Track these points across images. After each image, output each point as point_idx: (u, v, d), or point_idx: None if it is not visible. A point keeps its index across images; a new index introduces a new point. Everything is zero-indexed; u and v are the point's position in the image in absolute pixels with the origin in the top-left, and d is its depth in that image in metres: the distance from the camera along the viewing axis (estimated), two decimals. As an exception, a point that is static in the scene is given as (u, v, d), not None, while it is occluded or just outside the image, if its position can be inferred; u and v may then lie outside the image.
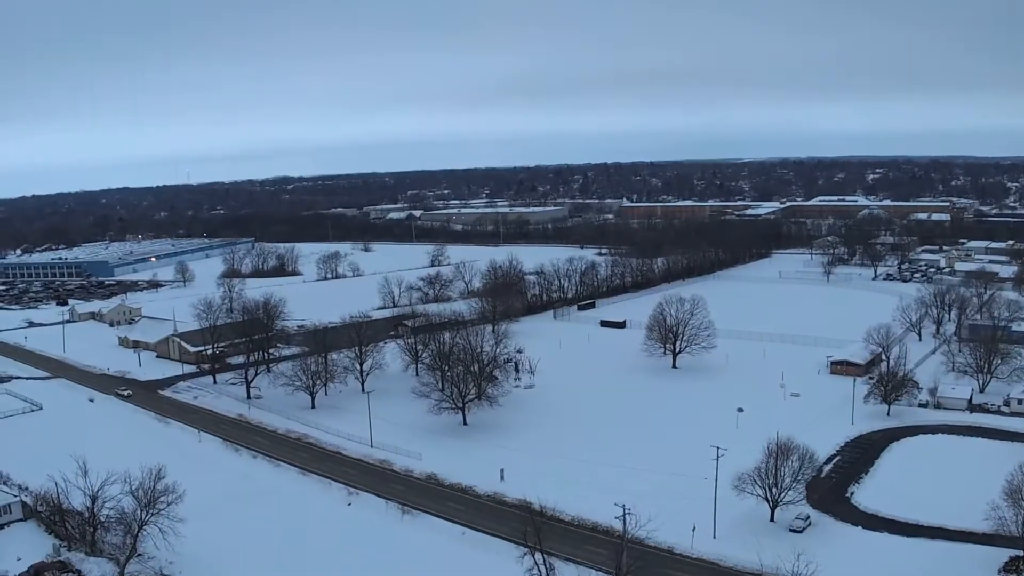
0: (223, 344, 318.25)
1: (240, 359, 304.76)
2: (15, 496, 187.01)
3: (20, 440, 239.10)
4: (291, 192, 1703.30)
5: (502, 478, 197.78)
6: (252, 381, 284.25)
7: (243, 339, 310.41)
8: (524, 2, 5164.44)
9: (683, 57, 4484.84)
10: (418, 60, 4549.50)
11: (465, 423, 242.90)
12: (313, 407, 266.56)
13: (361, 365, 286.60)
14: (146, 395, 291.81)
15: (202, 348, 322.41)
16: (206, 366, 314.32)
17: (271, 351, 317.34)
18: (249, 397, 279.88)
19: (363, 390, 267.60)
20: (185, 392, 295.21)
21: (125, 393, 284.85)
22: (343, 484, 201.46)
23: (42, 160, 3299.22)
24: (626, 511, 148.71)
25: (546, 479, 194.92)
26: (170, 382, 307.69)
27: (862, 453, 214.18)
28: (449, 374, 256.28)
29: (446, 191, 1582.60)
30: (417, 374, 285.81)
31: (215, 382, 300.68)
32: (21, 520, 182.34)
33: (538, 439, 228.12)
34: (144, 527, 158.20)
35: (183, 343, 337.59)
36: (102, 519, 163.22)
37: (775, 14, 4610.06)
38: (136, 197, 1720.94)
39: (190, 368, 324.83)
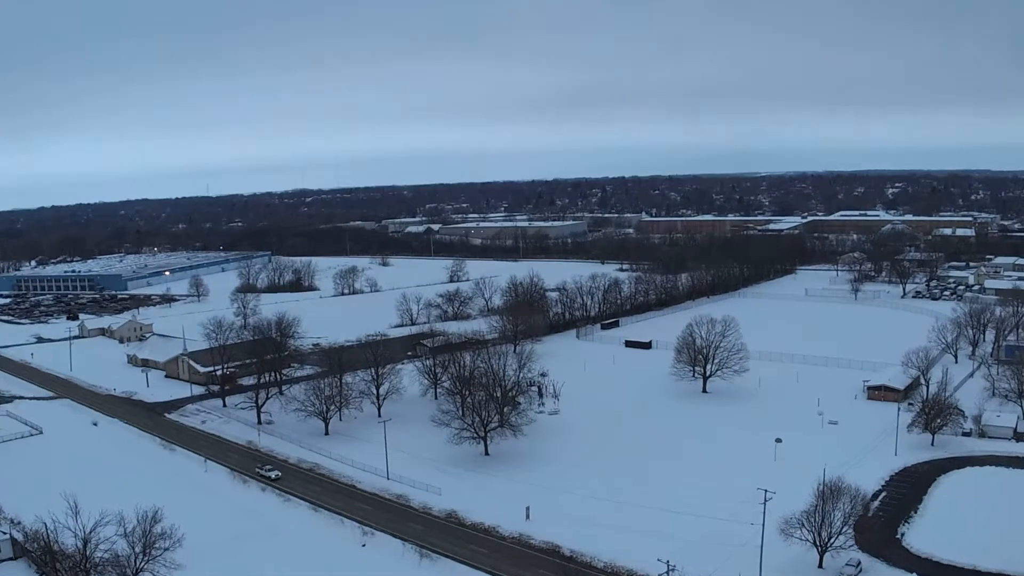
0: (234, 365, 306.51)
1: (252, 380, 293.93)
2: (5, 534, 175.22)
3: (16, 468, 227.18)
4: (309, 205, 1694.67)
5: (528, 517, 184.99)
6: (263, 405, 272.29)
7: (254, 360, 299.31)
8: (544, 15, 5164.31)
9: (700, 71, 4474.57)
10: (437, 72, 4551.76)
11: (487, 453, 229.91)
12: (327, 434, 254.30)
13: (378, 389, 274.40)
14: (152, 418, 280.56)
15: (212, 369, 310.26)
16: (216, 388, 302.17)
17: (284, 372, 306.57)
18: (259, 423, 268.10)
19: (379, 416, 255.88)
20: (193, 416, 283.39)
21: (272, 475, 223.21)
22: (357, 522, 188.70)
23: (62, 171, 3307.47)
24: (670, 568, 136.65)
25: (575, 519, 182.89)
26: (177, 404, 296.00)
27: (909, 488, 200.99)
28: (470, 400, 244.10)
29: (464, 204, 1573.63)
30: (436, 398, 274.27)
31: (224, 405, 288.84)
32: (11, 559, 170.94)
33: (565, 473, 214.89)
34: (139, 574, 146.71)
35: (192, 363, 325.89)
36: (96, 561, 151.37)
37: (791, 28, 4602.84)
38: (155, 209, 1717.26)
39: (199, 389, 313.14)
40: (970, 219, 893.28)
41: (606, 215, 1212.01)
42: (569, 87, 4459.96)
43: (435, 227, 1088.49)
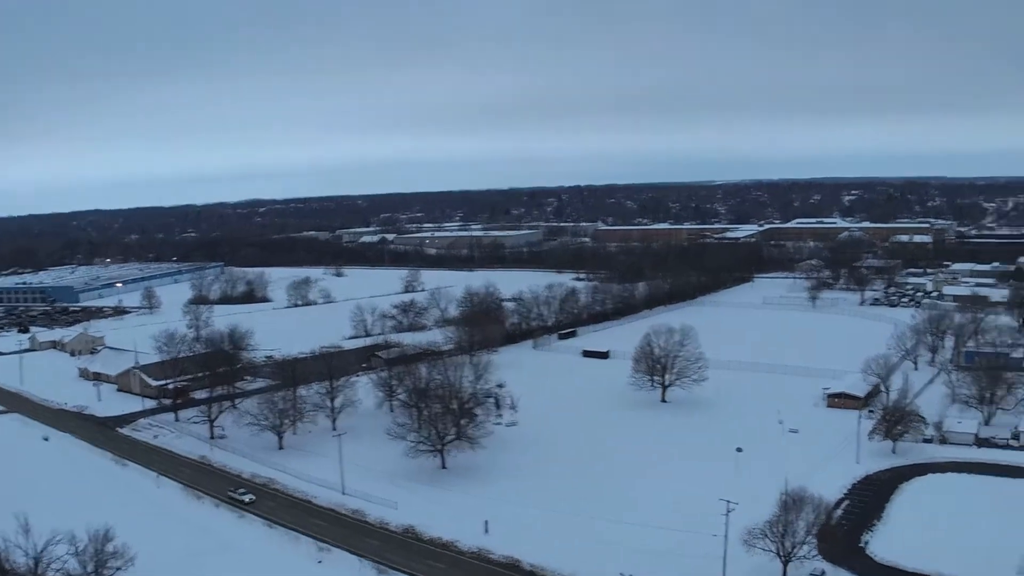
0: (186, 378, 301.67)
1: (205, 393, 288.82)
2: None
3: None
4: (263, 215, 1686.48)
5: (486, 531, 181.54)
6: (216, 419, 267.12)
7: (207, 373, 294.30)
8: (501, 24, 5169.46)
9: (656, 80, 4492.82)
10: (392, 81, 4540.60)
11: (444, 467, 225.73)
12: (281, 448, 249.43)
13: (332, 402, 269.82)
14: (104, 433, 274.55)
15: (164, 382, 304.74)
16: (168, 401, 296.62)
17: (237, 385, 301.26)
18: (212, 437, 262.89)
19: (334, 430, 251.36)
20: (145, 430, 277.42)
21: (246, 499, 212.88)
22: (313, 538, 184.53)
23: (12, 181, 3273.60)
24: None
25: (535, 532, 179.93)
26: (130, 419, 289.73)
27: (872, 496, 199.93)
28: (426, 412, 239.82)
29: (419, 214, 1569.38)
30: (392, 411, 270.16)
31: (177, 419, 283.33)
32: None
33: (524, 485, 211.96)
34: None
35: (144, 376, 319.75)
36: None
37: (747, 37, 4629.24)
38: (108, 219, 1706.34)
39: (152, 403, 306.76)
40: (927, 226, 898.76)
41: (562, 224, 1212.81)
42: (525, 96, 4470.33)
43: (390, 237, 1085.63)
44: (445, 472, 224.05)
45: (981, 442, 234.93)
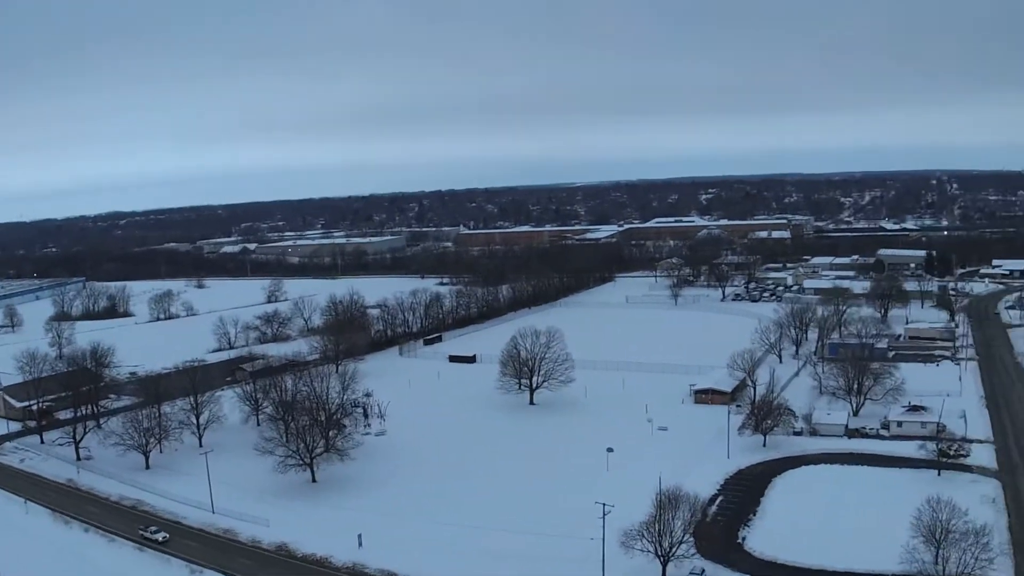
0: (50, 398, 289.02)
1: (70, 414, 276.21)
2: None
3: None
4: (123, 227, 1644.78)
5: (360, 544, 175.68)
6: (81, 440, 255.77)
7: (70, 392, 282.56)
8: (357, 32, 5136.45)
9: (512, 86, 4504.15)
10: (250, 90, 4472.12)
11: (314, 480, 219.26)
12: (147, 467, 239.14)
13: (197, 419, 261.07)
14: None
15: (28, 403, 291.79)
16: (33, 423, 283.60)
17: (101, 404, 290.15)
18: (79, 459, 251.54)
19: (201, 447, 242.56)
20: (11, 454, 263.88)
21: (159, 538, 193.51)
22: (184, 560, 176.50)
23: None
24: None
25: (410, 544, 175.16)
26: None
27: (745, 490, 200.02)
28: (293, 426, 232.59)
29: (280, 222, 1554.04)
30: (259, 425, 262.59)
31: (43, 442, 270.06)
32: None
33: (396, 496, 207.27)
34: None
35: (7, 398, 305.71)
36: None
37: (600, 42, 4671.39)
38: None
39: (16, 426, 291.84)
40: (785, 221, 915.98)
41: (424, 229, 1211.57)
42: (384, 103, 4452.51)
43: (251, 247, 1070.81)
44: (316, 486, 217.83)
45: (851, 433, 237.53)
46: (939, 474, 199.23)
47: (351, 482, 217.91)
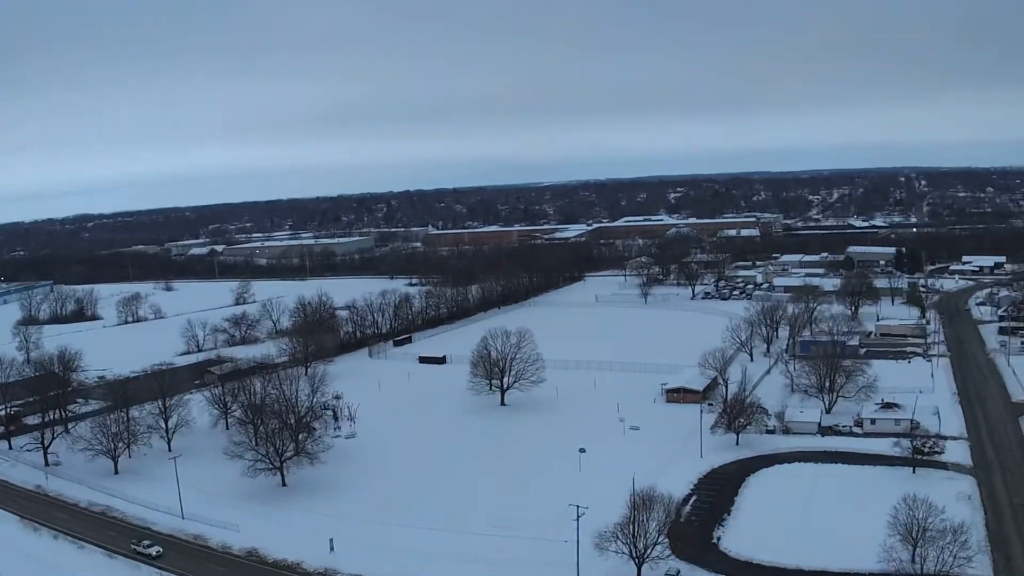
0: (18, 404, 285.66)
1: (39, 419, 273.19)
2: None
3: None
4: (91, 230, 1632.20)
5: (332, 549, 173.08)
6: (49, 446, 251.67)
7: (37, 397, 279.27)
8: (325, 31, 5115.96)
9: (478, 86, 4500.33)
10: (218, 90, 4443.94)
11: (284, 484, 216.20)
12: (116, 472, 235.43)
13: (166, 423, 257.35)
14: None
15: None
16: (1, 429, 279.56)
17: (69, 409, 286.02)
18: (47, 464, 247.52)
19: (170, 451, 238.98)
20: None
21: (152, 552, 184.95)
22: (155, 568, 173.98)
23: None
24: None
25: (381, 548, 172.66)
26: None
27: (719, 490, 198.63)
28: (263, 429, 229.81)
29: (248, 224, 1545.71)
30: (228, 428, 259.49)
31: (11, 447, 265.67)
32: None
33: (367, 499, 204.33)
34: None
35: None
36: None
37: (567, 41, 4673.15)
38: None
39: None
40: (754, 219, 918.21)
41: (393, 229, 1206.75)
42: (351, 103, 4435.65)
43: (219, 248, 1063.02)
44: (286, 490, 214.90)
45: (824, 430, 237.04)
46: (914, 471, 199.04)
47: (322, 486, 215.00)
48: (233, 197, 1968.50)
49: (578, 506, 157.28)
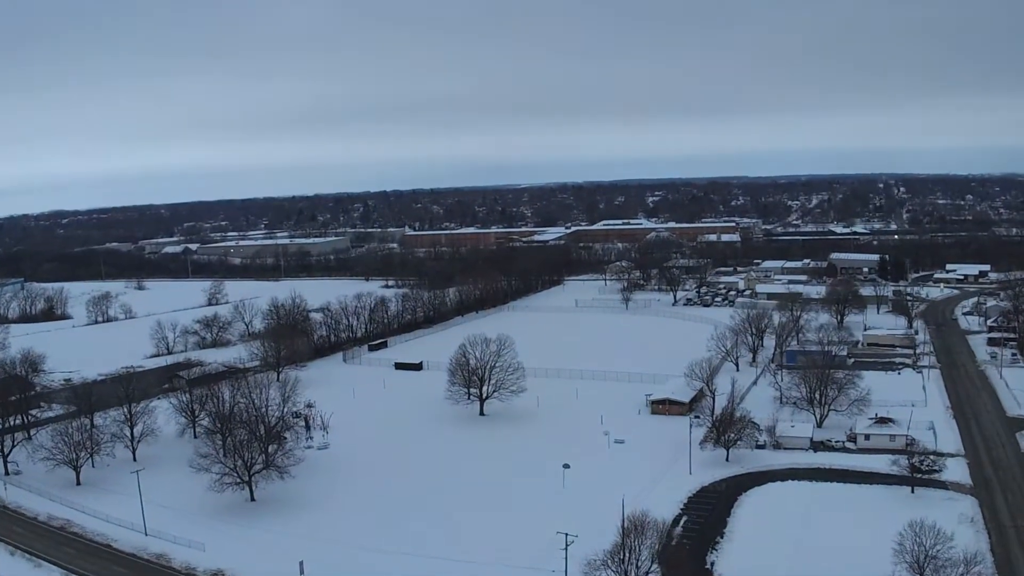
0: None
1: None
2: None
3: None
4: (65, 227, 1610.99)
5: (302, 572, 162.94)
6: (9, 454, 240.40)
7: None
8: (303, 31, 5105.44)
9: (458, 87, 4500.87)
10: (194, 88, 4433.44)
11: (253, 499, 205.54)
12: (79, 484, 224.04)
13: (131, 431, 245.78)
14: None
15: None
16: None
17: (32, 414, 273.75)
18: (7, 473, 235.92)
19: (135, 461, 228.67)
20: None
21: None
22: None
23: None
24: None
25: (353, 572, 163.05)
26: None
27: (711, 509, 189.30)
28: (231, 440, 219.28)
29: (223, 222, 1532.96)
30: (196, 438, 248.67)
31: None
32: None
33: (340, 518, 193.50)
34: None
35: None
36: None
37: (546, 45, 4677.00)
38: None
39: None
40: (733, 224, 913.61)
41: (369, 230, 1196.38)
42: (329, 102, 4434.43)
43: (193, 247, 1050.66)
44: (255, 505, 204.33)
45: (817, 446, 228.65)
46: (913, 491, 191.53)
47: (292, 501, 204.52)
48: (209, 195, 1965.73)
49: (567, 534, 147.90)
